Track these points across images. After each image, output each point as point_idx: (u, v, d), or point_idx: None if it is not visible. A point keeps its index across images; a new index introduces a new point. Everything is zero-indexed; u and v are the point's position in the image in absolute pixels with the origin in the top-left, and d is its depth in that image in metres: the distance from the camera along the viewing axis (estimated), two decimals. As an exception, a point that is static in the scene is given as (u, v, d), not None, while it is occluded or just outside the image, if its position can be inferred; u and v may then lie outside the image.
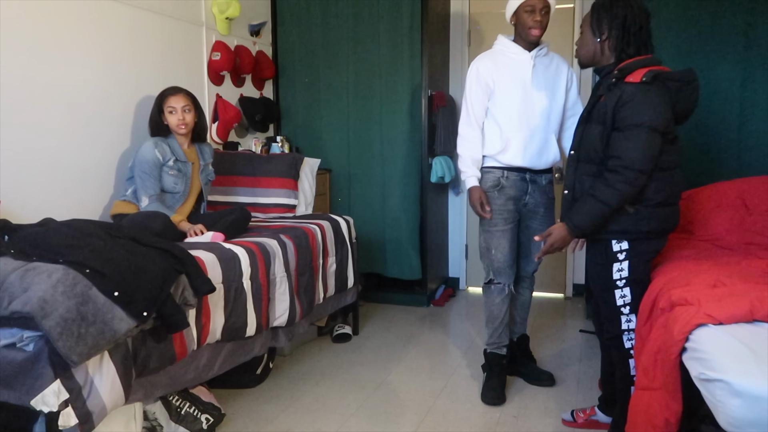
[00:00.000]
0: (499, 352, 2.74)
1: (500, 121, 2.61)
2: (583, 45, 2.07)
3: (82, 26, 2.70)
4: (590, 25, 2.02)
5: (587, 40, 2.05)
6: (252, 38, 3.98)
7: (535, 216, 2.71)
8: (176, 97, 2.75)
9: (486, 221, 2.65)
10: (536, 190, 2.67)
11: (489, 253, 2.69)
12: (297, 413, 2.55)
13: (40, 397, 1.63)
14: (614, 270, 2.01)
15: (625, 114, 1.87)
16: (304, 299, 2.83)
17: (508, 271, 2.69)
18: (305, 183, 3.58)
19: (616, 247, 2.01)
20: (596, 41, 2.02)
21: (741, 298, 1.55)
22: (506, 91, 2.59)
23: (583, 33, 2.06)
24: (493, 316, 2.73)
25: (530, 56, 2.60)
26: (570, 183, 2.07)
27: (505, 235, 2.65)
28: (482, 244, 2.72)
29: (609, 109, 1.90)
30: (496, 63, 2.61)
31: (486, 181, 2.66)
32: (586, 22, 2.06)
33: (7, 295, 1.67)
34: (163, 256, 2.00)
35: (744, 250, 2.32)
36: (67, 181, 2.66)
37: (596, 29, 2.01)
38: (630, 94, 1.87)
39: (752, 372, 1.27)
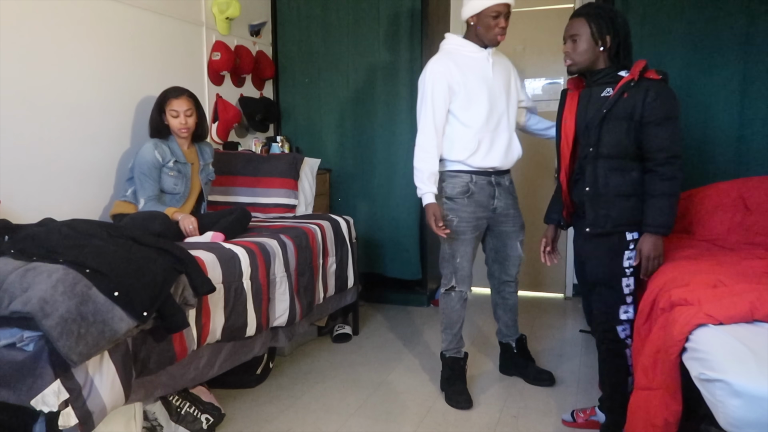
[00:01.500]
0: (458, 356, 2.72)
1: (469, 122, 2.54)
2: (582, 53, 2.14)
3: (82, 26, 2.71)
4: (591, 35, 2.11)
5: (587, 48, 2.13)
6: (252, 38, 3.98)
7: (506, 219, 2.70)
8: (179, 100, 2.74)
9: (453, 228, 2.57)
10: (502, 193, 2.66)
11: (453, 261, 2.63)
12: (297, 413, 2.55)
13: (40, 397, 1.63)
14: (625, 258, 2.08)
15: (658, 108, 1.99)
16: (304, 299, 2.83)
17: (470, 278, 2.68)
18: (305, 183, 3.58)
19: (629, 236, 2.08)
20: (598, 49, 2.12)
21: (741, 298, 1.55)
22: (474, 91, 2.53)
23: (579, 41, 2.13)
24: (452, 322, 2.70)
25: (487, 54, 2.58)
26: (591, 179, 2.11)
27: (471, 243, 2.62)
28: (446, 251, 2.64)
29: (637, 104, 2.01)
30: (457, 64, 2.53)
31: (454, 186, 2.59)
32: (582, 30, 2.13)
33: (7, 295, 1.67)
34: (163, 256, 2.00)
35: (744, 250, 2.32)
36: (67, 181, 2.66)
37: (598, 38, 2.11)
38: (658, 89, 2.01)
39: (752, 372, 1.27)
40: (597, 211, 2.11)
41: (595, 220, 2.11)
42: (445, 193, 2.59)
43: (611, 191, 2.08)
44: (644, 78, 2.04)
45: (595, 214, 2.11)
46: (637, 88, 2.02)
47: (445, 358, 2.74)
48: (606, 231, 2.10)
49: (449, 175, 2.60)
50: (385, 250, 4.03)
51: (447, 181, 2.60)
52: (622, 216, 2.07)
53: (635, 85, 2.03)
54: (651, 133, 2.01)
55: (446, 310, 2.71)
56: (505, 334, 2.91)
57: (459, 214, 2.58)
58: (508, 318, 2.88)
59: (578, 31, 2.14)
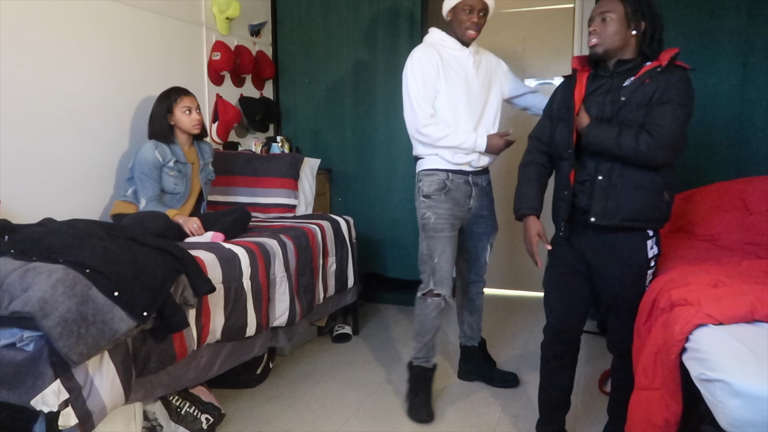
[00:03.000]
0: (426, 365, 2.61)
1: (448, 118, 2.50)
2: (611, 34, 1.91)
3: (82, 26, 2.71)
4: (625, 15, 1.90)
5: (618, 30, 1.90)
6: (252, 38, 3.98)
7: (480, 220, 2.68)
8: (189, 97, 2.78)
9: (431, 226, 2.53)
10: (479, 193, 2.63)
11: (431, 261, 2.54)
12: (297, 413, 2.55)
13: (40, 397, 1.63)
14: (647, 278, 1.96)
15: (677, 92, 1.84)
16: (304, 299, 2.83)
17: (449, 281, 2.56)
18: (305, 183, 3.58)
19: (650, 252, 1.94)
20: (630, 33, 1.92)
21: (741, 298, 1.55)
22: (453, 86, 2.50)
23: (611, 22, 1.91)
24: (426, 330, 2.59)
25: (468, 52, 2.57)
26: (606, 169, 1.92)
27: (449, 242, 2.55)
28: (424, 251, 2.57)
29: (659, 87, 1.85)
30: (440, 56, 2.51)
31: (431, 184, 2.54)
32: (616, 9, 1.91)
33: (7, 295, 1.67)
34: (163, 256, 2.00)
35: (744, 250, 2.32)
36: (67, 181, 2.66)
37: (632, 20, 1.90)
38: (683, 76, 1.87)
39: (752, 372, 1.27)
40: (606, 201, 1.92)
41: (603, 211, 1.91)
42: (422, 192, 2.56)
43: (627, 182, 1.90)
44: (674, 65, 1.88)
45: (604, 205, 1.92)
46: (663, 74, 1.86)
47: (411, 366, 2.63)
48: (611, 224, 1.91)
49: (425, 174, 2.56)
50: (385, 250, 4.03)
51: (424, 180, 2.56)
52: (634, 210, 1.89)
53: (661, 71, 1.87)
54: (656, 109, 1.84)
55: (420, 317, 2.59)
56: (470, 336, 2.85)
57: (436, 211, 2.53)
58: (473, 320, 2.83)
59: (611, 8, 1.91)
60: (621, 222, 1.92)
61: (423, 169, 2.58)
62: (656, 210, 1.93)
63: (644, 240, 1.95)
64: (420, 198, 2.57)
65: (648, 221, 1.94)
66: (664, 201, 1.93)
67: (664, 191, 1.92)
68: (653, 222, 1.95)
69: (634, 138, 1.83)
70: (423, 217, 2.55)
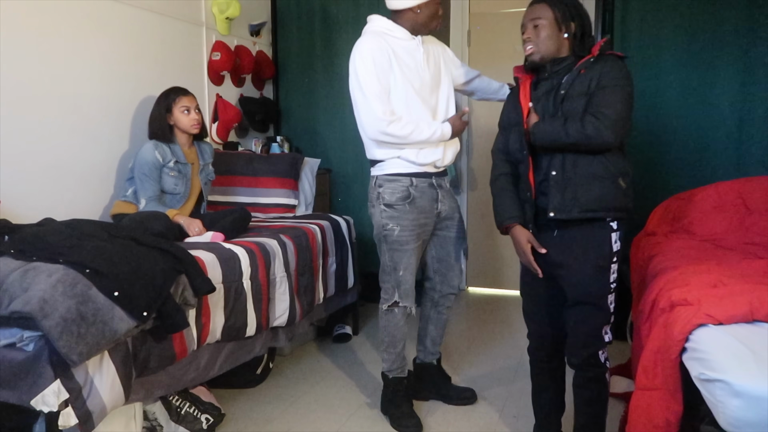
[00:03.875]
0: (402, 375, 2.52)
1: (402, 112, 2.32)
2: (545, 39, 1.95)
3: (82, 26, 2.70)
4: (555, 20, 1.94)
5: (550, 34, 1.94)
6: (252, 38, 3.98)
7: (451, 223, 2.52)
8: (189, 97, 2.78)
9: (395, 238, 2.36)
10: (445, 195, 2.48)
11: (395, 274, 2.40)
12: (297, 413, 2.55)
13: (40, 397, 1.63)
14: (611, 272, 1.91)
15: (613, 75, 1.86)
16: (304, 299, 2.83)
17: (413, 292, 2.46)
18: (305, 183, 3.58)
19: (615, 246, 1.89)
20: (562, 36, 1.95)
21: (741, 298, 1.55)
22: (408, 78, 2.32)
23: (543, 27, 1.94)
24: (396, 341, 2.48)
25: (417, 42, 2.39)
26: (558, 163, 1.91)
27: (414, 253, 2.40)
28: (387, 263, 2.41)
29: (594, 76, 1.87)
30: (390, 46, 2.32)
31: (393, 192, 2.35)
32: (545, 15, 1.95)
33: (7, 295, 1.67)
34: (163, 256, 2.00)
35: (744, 249, 2.32)
36: (67, 181, 2.66)
37: (562, 24, 1.94)
38: (616, 63, 1.89)
39: (752, 372, 1.27)
40: (563, 195, 1.89)
41: (561, 204, 1.89)
42: (383, 200, 2.36)
43: (581, 173, 1.88)
44: (605, 55, 1.92)
45: (561, 199, 1.89)
46: (596, 62, 1.89)
47: (387, 379, 2.52)
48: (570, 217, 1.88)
49: (387, 179, 2.37)
50: (385, 250, 4.02)
51: (385, 186, 2.37)
52: (590, 200, 1.87)
53: (594, 61, 1.90)
54: (597, 94, 1.85)
55: (389, 328, 2.47)
56: (430, 352, 2.67)
57: (400, 222, 2.35)
58: (437, 334, 2.66)
59: (541, 14, 1.95)
60: (580, 213, 1.88)
61: (384, 173, 2.38)
62: (612, 198, 1.88)
63: (608, 233, 1.90)
64: (380, 207, 2.38)
65: (606, 210, 1.88)
66: (619, 188, 1.88)
67: (618, 178, 1.88)
68: (612, 211, 1.88)
69: (579, 124, 1.83)
70: (385, 228, 2.37)
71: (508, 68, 4.50)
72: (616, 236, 1.91)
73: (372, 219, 2.46)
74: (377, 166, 2.42)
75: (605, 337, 1.93)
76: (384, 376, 2.55)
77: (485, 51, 4.27)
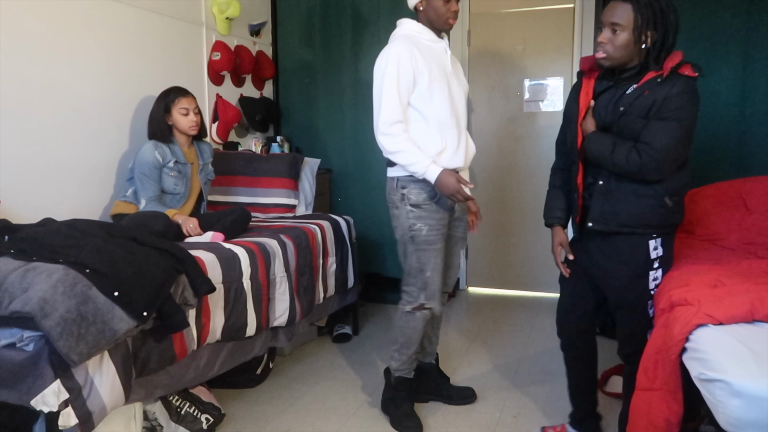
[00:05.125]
0: (409, 376, 2.49)
1: (431, 117, 2.27)
2: (621, 48, 1.84)
3: (82, 26, 2.71)
4: (635, 29, 1.81)
5: (628, 44, 1.83)
6: (252, 38, 3.98)
7: (459, 224, 2.51)
8: (188, 98, 2.77)
9: (423, 238, 2.31)
10: None
11: (422, 275, 2.33)
12: (297, 413, 2.55)
13: (40, 397, 1.63)
14: (650, 279, 1.91)
15: (675, 105, 1.78)
16: (304, 299, 2.83)
17: (440, 293, 2.40)
18: (305, 183, 3.58)
19: (653, 253, 1.89)
20: (640, 46, 1.84)
21: (741, 298, 1.55)
22: (436, 82, 2.26)
23: (621, 34, 1.83)
24: (411, 342, 2.43)
25: (445, 45, 2.35)
26: (606, 173, 1.91)
27: (440, 253, 2.36)
28: (413, 265, 2.34)
29: (658, 100, 1.79)
30: (420, 51, 2.24)
31: (420, 192, 2.30)
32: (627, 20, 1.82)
33: (7, 295, 1.67)
34: (163, 256, 2.00)
35: (744, 249, 2.32)
36: (67, 181, 2.66)
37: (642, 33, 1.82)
38: (685, 86, 1.79)
39: (752, 372, 1.27)
40: (603, 206, 1.91)
41: (600, 216, 1.92)
42: (410, 201, 2.31)
43: (624, 188, 1.88)
44: (676, 74, 1.80)
45: (601, 210, 1.92)
46: (663, 85, 1.79)
47: (392, 377, 2.49)
48: (608, 230, 1.92)
49: (411, 180, 2.30)
50: (385, 250, 4.03)
51: (409, 186, 2.31)
52: (631, 216, 1.88)
53: (662, 82, 1.80)
54: (652, 124, 1.79)
55: (406, 330, 2.41)
56: (428, 352, 2.65)
57: (428, 222, 2.31)
58: (433, 334, 2.64)
59: (622, 20, 1.81)
60: (617, 227, 1.91)
61: (407, 174, 2.31)
62: (656, 216, 1.88)
63: (645, 240, 1.91)
64: (407, 207, 2.32)
65: (647, 227, 1.89)
66: (665, 206, 1.87)
67: (665, 197, 1.87)
68: (653, 228, 1.89)
69: (624, 157, 1.82)
70: (412, 229, 2.32)
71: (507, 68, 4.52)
72: (656, 243, 1.91)
73: (395, 221, 2.38)
74: (398, 166, 2.34)
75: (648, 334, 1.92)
76: (388, 374, 2.52)
77: (485, 51, 4.27)
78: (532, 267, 4.40)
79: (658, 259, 1.91)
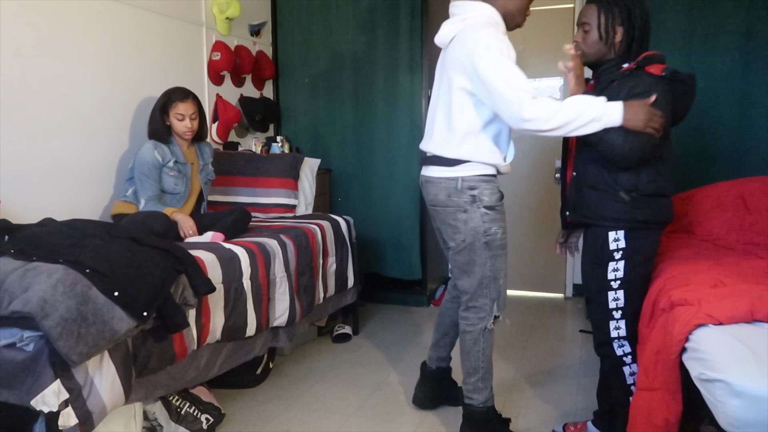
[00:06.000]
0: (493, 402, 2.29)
1: None
2: (592, 44, 1.97)
3: (82, 26, 2.71)
4: (599, 27, 1.94)
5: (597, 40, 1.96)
6: (252, 38, 3.98)
7: None
8: (186, 104, 2.74)
9: (499, 243, 2.13)
10: None
11: (496, 283, 2.16)
12: (297, 413, 2.55)
13: (40, 397, 1.62)
14: (609, 269, 1.96)
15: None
16: (304, 299, 2.83)
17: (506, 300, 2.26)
18: (305, 183, 3.58)
19: (612, 245, 1.94)
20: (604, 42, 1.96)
21: (741, 298, 1.55)
22: None
23: (590, 31, 1.96)
24: (490, 365, 2.25)
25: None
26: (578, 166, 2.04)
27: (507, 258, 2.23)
28: (486, 273, 2.14)
29: (622, 94, 1.86)
30: None
31: (492, 193, 2.12)
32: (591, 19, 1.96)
33: (7, 295, 1.67)
34: (163, 256, 1.99)
35: (744, 249, 2.32)
36: (67, 181, 2.66)
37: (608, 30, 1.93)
38: (647, 84, 1.84)
39: (752, 372, 1.27)
40: (575, 198, 2.05)
41: (573, 206, 2.06)
42: (483, 202, 2.10)
43: (587, 181, 1.99)
44: (642, 71, 1.88)
45: (574, 202, 2.06)
46: (629, 79, 1.88)
47: (481, 411, 2.23)
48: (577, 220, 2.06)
49: (481, 180, 2.10)
50: (385, 250, 4.03)
51: (480, 187, 2.09)
52: (591, 209, 1.98)
53: (628, 75, 1.88)
54: None
55: (487, 351, 2.21)
56: (445, 357, 2.55)
57: (502, 225, 2.14)
58: (454, 338, 2.50)
59: (589, 19, 1.97)
60: (583, 218, 2.03)
61: (480, 173, 2.10)
62: (611, 209, 1.94)
63: (605, 231, 1.96)
64: (480, 210, 2.10)
65: (603, 219, 1.96)
66: (621, 201, 1.92)
67: (620, 191, 1.92)
68: (609, 220, 1.95)
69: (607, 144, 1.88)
70: (488, 233, 2.11)
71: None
72: (617, 235, 1.95)
73: (461, 226, 2.13)
74: (462, 166, 2.10)
75: (614, 332, 1.99)
76: (475, 411, 2.24)
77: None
78: (533, 267, 4.41)
79: (620, 251, 1.95)
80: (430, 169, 2.19)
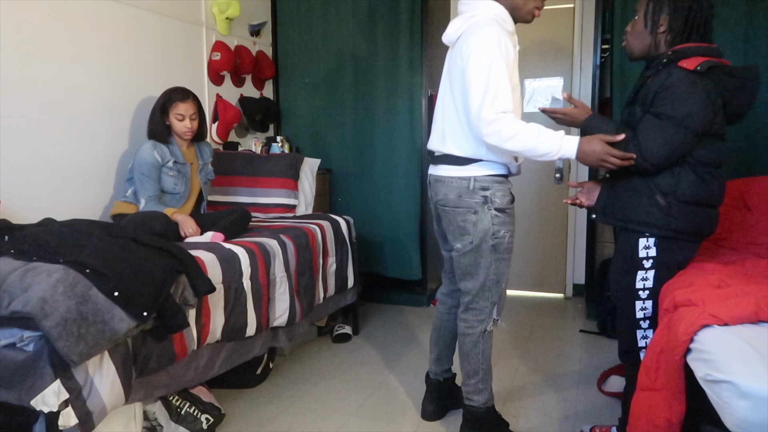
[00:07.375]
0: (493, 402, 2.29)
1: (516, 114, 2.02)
2: (636, 34, 1.86)
3: (82, 26, 2.70)
4: (645, 15, 1.82)
5: (641, 30, 1.84)
6: (252, 38, 3.97)
7: None
8: (186, 104, 2.74)
9: (506, 246, 2.10)
10: None
11: (498, 287, 2.14)
12: (297, 413, 2.55)
13: (40, 397, 1.62)
14: (638, 278, 1.88)
15: (664, 100, 1.73)
16: (304, 299, 2.83)
17: None
18: (305, 183, 3.58)
19: (642, 252, 1.86)
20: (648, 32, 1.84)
21: (746, 299, 1.54)
22: (514, 77, 2.02)
23: (637, 22, 1.85)
24: (490, 366, 2.25)
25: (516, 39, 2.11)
26: None
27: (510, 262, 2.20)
28: (490, 276, 2.11)
29: (652, 91, 1.77)
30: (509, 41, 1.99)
31: (504, 195, 2.08)
32: (641, 6, 1.85)
33: (7, 295, 1.67)
34: (163, 256, 1.99)
35: (746, 249, 2.32)
36: (67, 181, 2.65)
37: (651, 19, 1.81)
38: (677, 79, 1.72)
39: (759, 373, 1.26)
40: (606, 199, 1.94)
41: (602, 208, 1.94)
42: (495, 204, 2.06)
43: (621, 183, 1.89)
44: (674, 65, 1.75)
45: (604, 203, 1.94)
46: (662, 72, 1.76)
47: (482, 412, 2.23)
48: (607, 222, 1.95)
49: (493, 180, 2.06)
50: (385, 250, 4.03)
51: (493, 188, 2.05)
52: (624, 211, 1.88)
53: (662, 69, 1.76)
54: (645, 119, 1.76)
55: (487, 352, 2.20)
56: (449, 368, 2.51)
57: (511, 228, 2.11)
58: (454, 344, 2.44)
59: (639, 6, 1.84)
60: (614, 221, 1.93)
61: (491, 173, 2.06)
62: (646, 214, 1.84)
63: (636, 237, 1.88)
64: (491, 212, 2.06)
65: (636, 223, 1.86)
66: (656, 205, 1.83)
67: (656, 195, 1.83)
68: (642, 225, 1.85)
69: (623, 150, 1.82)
70: (496, 236, 2.07)
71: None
72: (648, 242, 1.86)
73: (471, 227, 2.08)
74: (475, 165, 2.06)
75: (641, 342, 1.91)
76: (475, 411, 2.23)
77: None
78: (533, 267, 4.40)
79: (650, 260, 1.87)
80: (440, 168, 2.15)
